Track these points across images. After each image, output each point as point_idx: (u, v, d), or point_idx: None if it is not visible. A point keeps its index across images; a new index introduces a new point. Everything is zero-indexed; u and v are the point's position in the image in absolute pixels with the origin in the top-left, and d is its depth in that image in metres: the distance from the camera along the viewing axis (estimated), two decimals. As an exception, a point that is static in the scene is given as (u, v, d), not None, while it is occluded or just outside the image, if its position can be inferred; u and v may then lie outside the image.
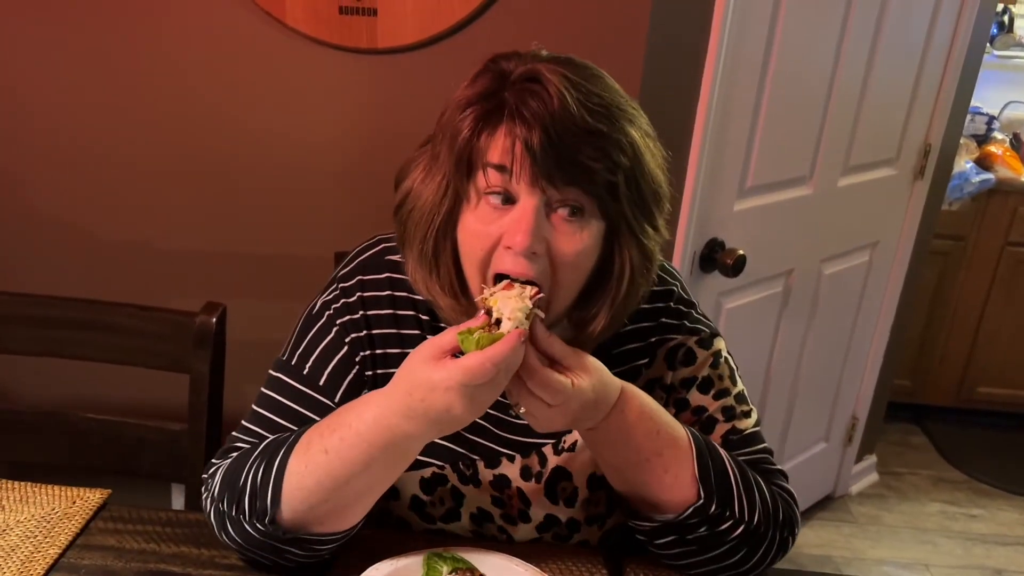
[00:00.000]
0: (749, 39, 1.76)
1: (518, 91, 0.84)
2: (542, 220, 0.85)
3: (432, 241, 0.92)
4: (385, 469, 0.89)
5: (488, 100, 0.86)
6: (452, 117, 0.88)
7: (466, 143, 0.86)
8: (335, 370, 1.01)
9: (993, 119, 3.25)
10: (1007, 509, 2.86)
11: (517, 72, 0.86)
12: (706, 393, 1.04)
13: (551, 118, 0.82)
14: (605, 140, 0.84)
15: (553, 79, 0.83)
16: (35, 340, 1.33)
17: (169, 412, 1.39)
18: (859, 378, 2.64)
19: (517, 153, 0.83)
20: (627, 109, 0.88)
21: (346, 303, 1.02)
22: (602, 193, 0.85)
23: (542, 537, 1.06)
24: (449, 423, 0.83)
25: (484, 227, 0.87)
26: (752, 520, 0.95)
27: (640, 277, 0.92)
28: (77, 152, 1.87)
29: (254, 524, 0.92)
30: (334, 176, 1.84)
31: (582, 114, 0.82)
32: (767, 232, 2.03)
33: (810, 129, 2.02)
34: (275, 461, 0.91)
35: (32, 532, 1.04)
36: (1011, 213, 3.02)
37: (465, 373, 0.78)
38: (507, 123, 0.84)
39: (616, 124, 0.85)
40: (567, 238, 0.86)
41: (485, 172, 0.85)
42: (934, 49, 2.22)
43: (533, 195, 0.84)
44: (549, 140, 0.81)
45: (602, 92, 0.86)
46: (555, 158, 0.82)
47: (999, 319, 3.15)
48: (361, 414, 0.86)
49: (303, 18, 1.69)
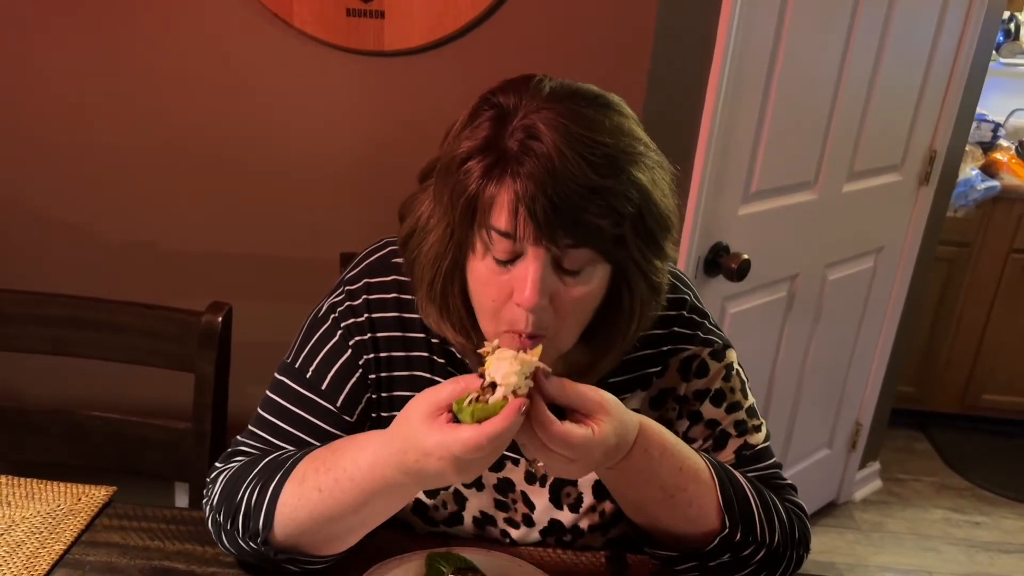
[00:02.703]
0: (755, 44, 1.76)
1: (519, 144, 0.79)
2: (549, 275, 0.83)
3: (440, 284, 0.91)
4: (379, 510, 0.89)
5: (490, 151, 0.81)
6: (453, 166, 0.83)
7: (470, 199, 0.82)
8: (338, 374, 1.00)
9: (999, 126, 3.25)
10: (1011, 517, 2.85)
11: (517, 120, 0.81)
12: (719, 406, 1.03)
13: (552, 179, 0.77)
14: (610, 195, 0.79)
15: (552, 135, 0.78)
16: (41, 338, 1.33)
17: (174, 411, 1.40)
18: (863, 384, 2.64)
19: (520, 218, 0.79)
20: (634, 149, 0.83)
21: (351, 306, 1.01)
22: (608, 246, 0.83)
23: (545, 542, 1.06)
24: (443, 483, 0.84)
25: (493, 277, 0.85)
26: (772, 542, 0.96)
27: (648, 308, 0.92)
28: (83, 151, 1.88)
29: (247, 542, 0.93)
30: (341, 177, 1.85)
31: (584, 171, 0.78)
32: (772, 237, 2.03)
33: (815, 134, 2.02)
34: (270, 486, 0.92)
35: (38, 528, 1.04)
36: (1016, 220, 3.01)
37: (458, 446, 0.76)
38: (509, 180, 0.79)
39: (622, 174, 0.80)
40: (572, 289, 0.85)
41: (490, 235, 0.82)
42: (940, 56, 2.22)
43: (539, 254, 0.82)
44: (552, 204, 0.78)
45: (607, 138, 0.80)
46: (559, 220, 0.79)
47: (1004, 326, 3.14)
48: (357, 459, 0.85)
49: (310, 20, 1.70)
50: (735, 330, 2.03)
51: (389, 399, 1.02)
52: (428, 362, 1.01)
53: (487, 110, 0.83)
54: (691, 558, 0.95)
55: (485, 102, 0.84)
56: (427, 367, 1.01)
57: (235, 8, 1.72)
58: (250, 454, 1.00)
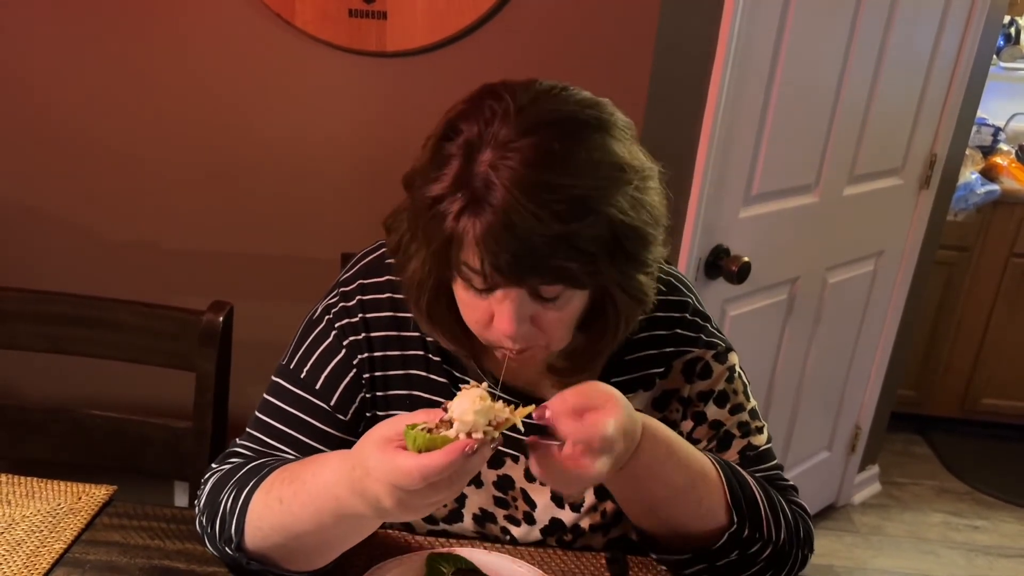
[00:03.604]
0: (757, 47, 1.77)
1: (479, 201, 0.76)
2: (525, 304, 0.82)
3: (426, 301, 0.90)
4: (336, 537, 0.88)
5: (458, 192, 0.78)
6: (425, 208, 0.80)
7: (444, 241, 0.80)
8: (332, 373, 1.01)
9: (999, 130, 3.25)
10: (1010, 521, 2.85)
11: (478, 169, 0.77)
12: (722, 407, 1.04)
13: (510, 234, 0.75)
14: (576, 239, 0.76)
15: (508, 191, 0.75)
16: (42, 337, 1.33)
17: (174, 410, 1.40)
18: (863, 387, 2.64)
19: (487, 270, 0.78)
20: (608, 182, 0.79)
21: (345, 307, 1.02)
22: (582, 281, 0.81)
23: (546, 541, 1.06)
24: (386, 514, 0.79)
25: (474, 302, 0.85)
26: (779, 540, 0.96)
27: (633, 315, 0.91)
28: (86, 151, 1.88)
29: (223, 548, 0.94)
30: (342, 178, 1.85)
31: (546, 221, 0.75)
32: (772, 240, 2.03)
33: (816, 138, 2.02)
34: (243, 492, 0.92)
35: (38, 527, 1.05)
36: (1016, 224, 3.01)
37: (392, 473, 0.73)
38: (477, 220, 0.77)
39: (589, 215, 0.77)
40: (552, 314, 0.84)
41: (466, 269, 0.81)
42: (940, 60, 2.22)
43: (509, 293, 0.82)
44: (514, 256, 0.76)
45: (575, 180, 0.76)
46: (524, 268, 0.78)
47: (1004, 330, 3.14)
48: (317, 473, 0.85)
49: (313, 20, 1.70)
50: (735, 333, 2.03)
51: (384, 398, 1.02)
52: (424, 360, 1.02)
53: (451, 142, 0.80)
54: (700, 559, 0.94)
55: (450, 129, 0.81)
56: (423, 366, 1.02)
57: (237, 8, 1.73)
58: (245, 456, 1.01)
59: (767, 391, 2.28)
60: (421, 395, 1.02)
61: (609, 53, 1.68)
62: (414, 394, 1.02)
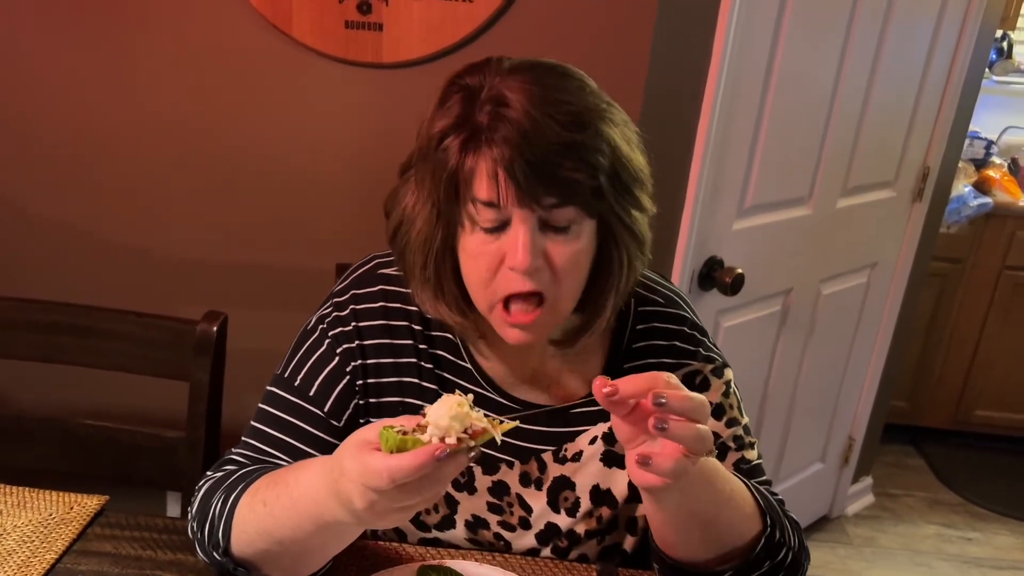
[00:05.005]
0: (751, 60, 1.78)
1: (489, 115, 0.84)
2: (537, 236, 0.86)
3: (433, 266, 0.92)
4: (317, 544, 0.87)
5: (463, 127, 0.85)
6: (431, 147, 0.87)
7: (451, 175, 0.86)
8: (325, 380, 1.02)
9: (991, 143, 3.27)
10: (1003, 533, 2.86)
11: (485, 94, 0.85)
12: (719, 419, 1.04)
13: (525, 140, 0.81)
14: (582, 149, 0.84)
15: (519, 98, 0.83)
16: (35, 345, 1.33)
17: (167, 420, 1.40)
18: (856, 399, 2.65)
19: (501, 182, 0.83)
20: (598, 106, 0.87)
21: (338, 316, 1.03)
22: (588, 199, 0.86)
23: (540, 550, 1.06)
24: (360, 518, 0.77)
25: (484, 248, 0.87)
26: (794, 544, 0.96)
27: (637, 261, 0.94)
28: (81, 160, 1.88)
29: (212, 552, 0.94)
30: (338, 188, 1.85)
31: (554, 128, 0.82)
32: (766, 251, 2.04)
33: (810, 150, 2.03)
34: (231, 497, 0.92)
35: (29, 537, 1.04)
36: (1008, 237, 3.03)
37: (363, 472, 0.72)
38: (485, 149, 0.83)
39: (589, 128, 0.85)
40: (564, 247, 0.87)
41: (475, 206, 0.86)
42: (933, 73, 2.24)
43: (525, 217, 0.85)
44: (528, 163, 0.81)
45: (570, 98, 0.85)
46: (537, 178, 0.82)
47: (996, 342, 3.16)
48: (300, 477, 0.84)
49: (310, 32, 1.71)
50: (729, 344, 2.03)
51: (377, 405, 1.03)
52: (416, 368, 1.03)
53: (456, 92, 0.87)
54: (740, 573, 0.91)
55: (452, 84, 0.88)
56: (415, 373, 1.03)
57: (235, 19, 1.73)
58: (240, 463, 1.01)
59: (761, 403, 2.28)
60: (414, 402, 1.02)
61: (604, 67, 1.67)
62: (407, 401, 1.02)
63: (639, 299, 1.06)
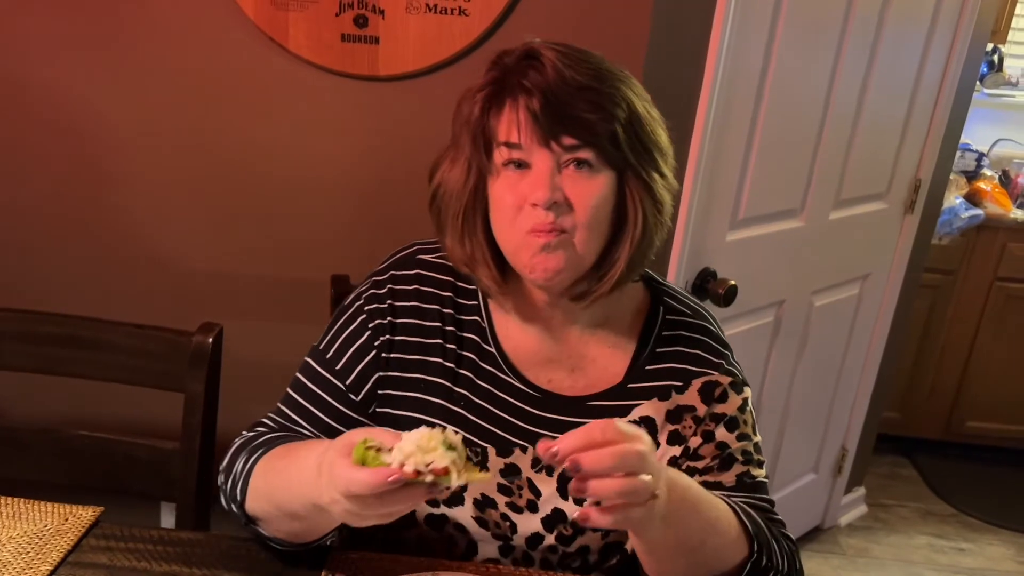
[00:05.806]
0: (743, 73, 1.79)
1: (519, 69, 0.94)
2: (556, 175, 0.93)
3: (462, 216, 1.00)
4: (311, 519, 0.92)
5: (494, 85, 0.96)
6: (465, 106, 0.98)
7: (478, 122, 0.96)
8: (353, 355, 1.08)
9: (983, 156, 3.29)
10: (995, 544, 2.87)
11: (520, 50, 0.97)
12: (731, 432, 1.06)
13: (547, 84, 0.92)
14: (597, 95, 0.93)
15: (547, 53, 0.94)
16: (30, 356, 1.33)
17: (162, 431, 1.39)
18: (848, 410, 2.65)
19: (521, 120, 0.92)
20: (619, 73, 0.97)
21: (375, 293, 1.09)
22: (604, 143, 0.93)
23: (544, 536, 1.06)
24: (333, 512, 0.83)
25: (509, 189, 0.95)
26: (783, 568, 0.97)
27: (652, 220, 0.98)
28: (76, 172, 1.89)
29: (231, 504, 1.03)
30: (334, 200, 1.86)
31: (574, 76, 0.92)
32: (759, 263, 2.05)
33: (802, 163, 2.05)
34: (251, 459, 1.00)
35: (24, 548, 1.04)
36: (1000, 249, 3.05)
37: (330, 475, 0.79)
38: (510, 98, 0.94)
39: (606, 81, 0.94)
40: (581, 187, 0.93)
41: (499, 149, 0.95)
42: (925, 86, 2.26)
43: (544, 156, 0.93)
44: (547, 101, 0.91)
45: (596, 62, 0.96)
46: (555, 115, 0.91)
47: (988, 353, 3.17)
48: (302, 456, 0.91)
49: (306, 45, 1.72)
50: (722, 355, 2.04)
51: (397, 379, 1.07)
52: (440, 348, 1.07)
53: (493, 67, 0.99)
54: None
55: (492, 63, 0.99)
56: (439, 353, 1.07)
57: (231, 32, 1.74)
58: (269, 427, 1.09)
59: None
60: (434, 379, 1.06)
61: (598, 79, 1.70)
62: (427, 379, 1.06)
63: (668, 308, 1.10)
